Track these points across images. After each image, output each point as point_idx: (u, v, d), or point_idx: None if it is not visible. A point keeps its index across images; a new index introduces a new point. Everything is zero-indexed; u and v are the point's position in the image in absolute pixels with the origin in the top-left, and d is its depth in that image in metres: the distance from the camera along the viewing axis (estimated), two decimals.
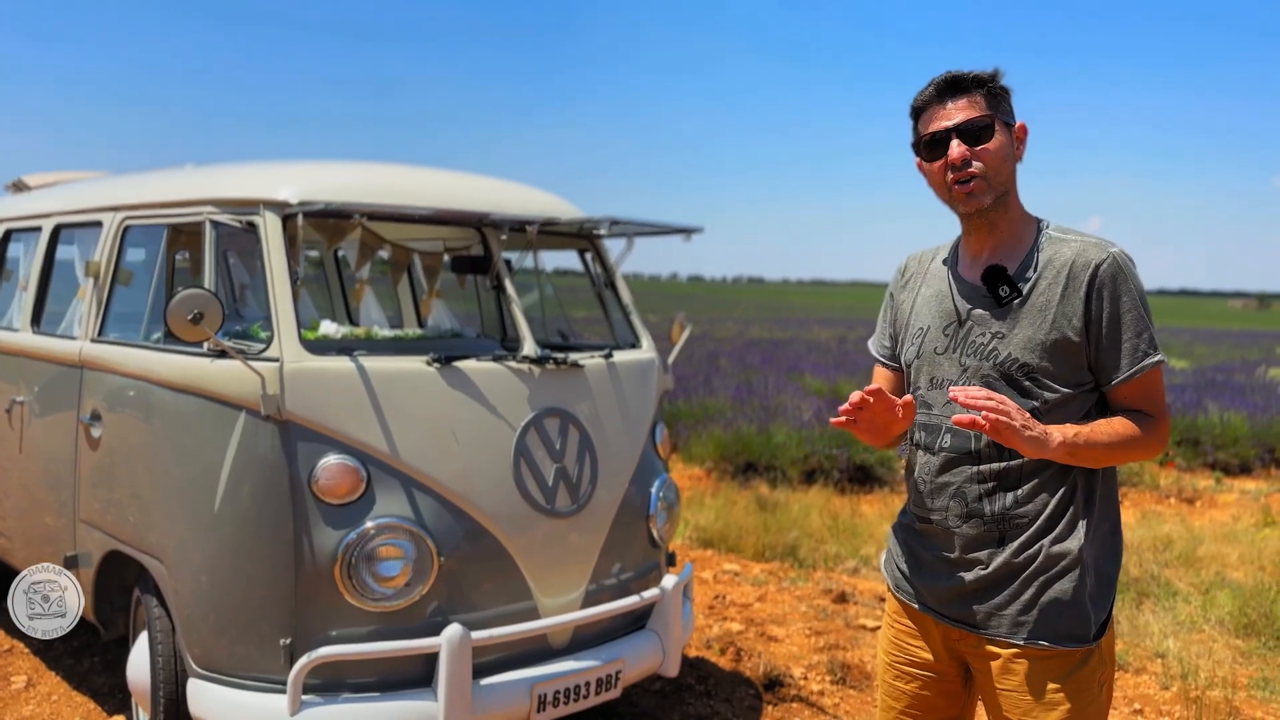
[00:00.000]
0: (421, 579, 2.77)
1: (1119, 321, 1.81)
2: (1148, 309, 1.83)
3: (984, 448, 1.87)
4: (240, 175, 3.20)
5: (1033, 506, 1.85)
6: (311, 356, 2.78)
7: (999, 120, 1.86)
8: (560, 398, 3.13)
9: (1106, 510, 1.89)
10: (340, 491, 2.73)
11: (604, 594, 3.18)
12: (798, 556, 5.83)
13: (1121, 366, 1.82)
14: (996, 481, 1.87)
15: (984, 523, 1.88)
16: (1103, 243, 1.85)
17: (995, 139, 1.85)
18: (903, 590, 2.04)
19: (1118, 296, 1.80)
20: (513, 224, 3.24)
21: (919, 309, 2.02)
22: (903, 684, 2.06)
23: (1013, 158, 1.89)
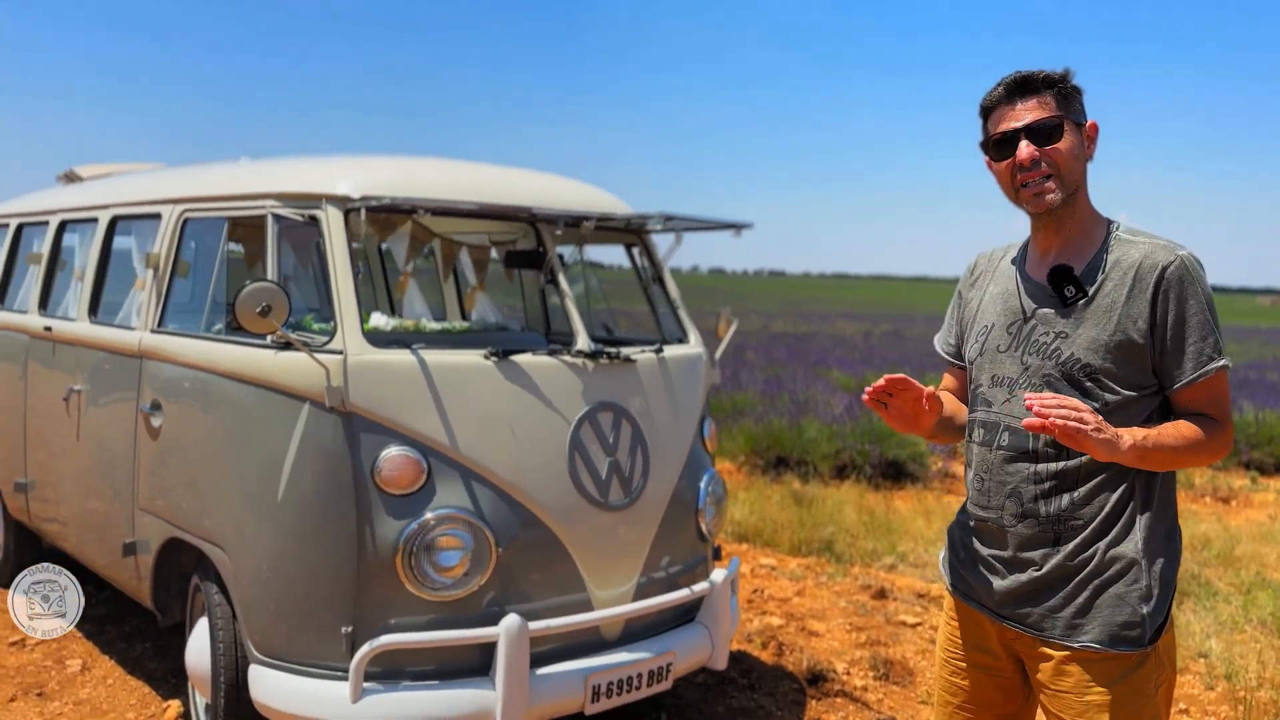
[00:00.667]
0: (480, 569, 2.81)
1: (1184, 325, 1.80)
2: (1214, 313, 1.83)
3: (1042, 447, 1.87)
4: (301, 170, 3.24)
5: (1090, 509, 1.85)
6: (374, 349, 2.82)
7: (1069, 120, 1.86)
8: (613, 392, 3.15)
9: (1164, 513, 1.88)
10: (402, 482, 2.77)
11: (654, 587, 3.21)
12: (834, 552, 5.84)
13: (1186, 370, 1.81)
14: (1054, 481, 1.86)
15: (1039, 523, 1.88)
16: (1171, 245, 1.84)
17: (1065, 139, 1.85)
18: (959, 588, 2.05)
19: (1184, 300, 1.80)
20: (570, 219, 3.27)
21: (985, 306, 2.03)
22: (959, 680, 2.07)
23: (1083, 157, 1.89)
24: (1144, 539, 1.83)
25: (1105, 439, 1.70)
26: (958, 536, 2.07)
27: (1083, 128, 1.89)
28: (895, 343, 24.15)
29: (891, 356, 18.49)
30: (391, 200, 2.89)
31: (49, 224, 4.41)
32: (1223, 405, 1.85)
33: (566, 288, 3.27)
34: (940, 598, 5.13)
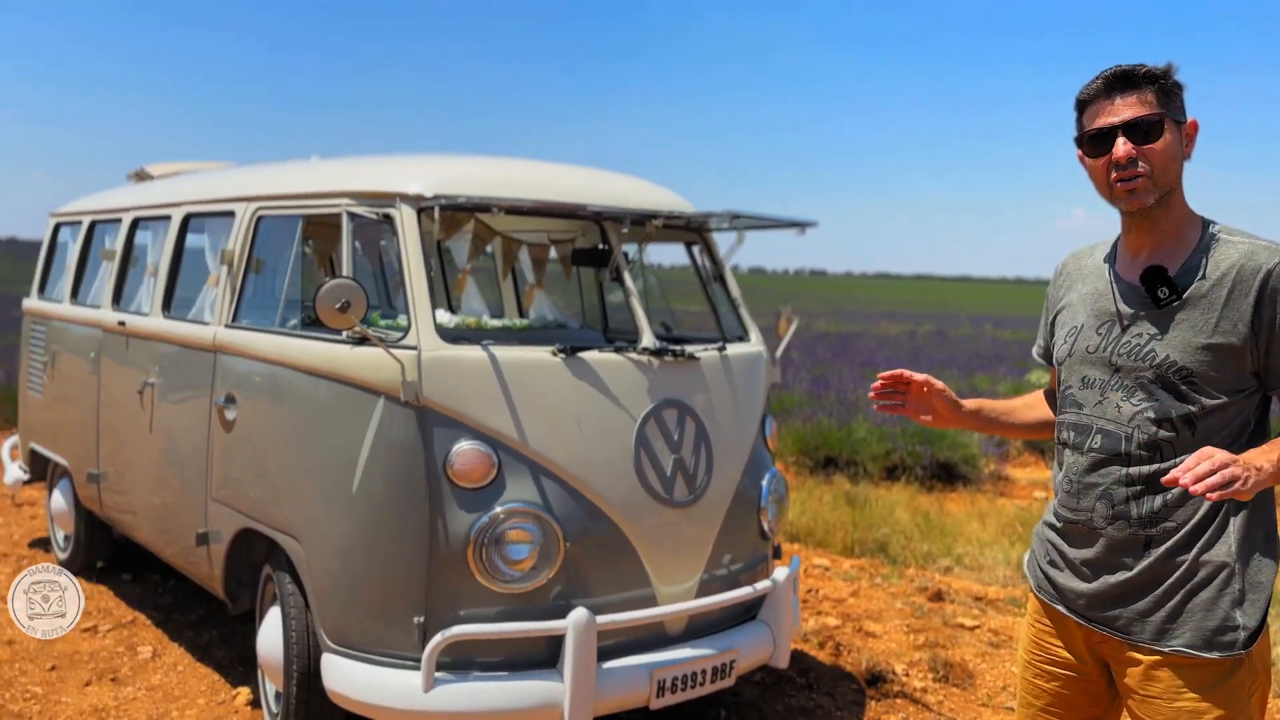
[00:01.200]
0: (548, 563, 2.84)
1: (1256, 322, 1.76)
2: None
3: (1134, 450, 1.85)
4: (374, 169, 3.30)
5: (1182, 511, 1.82)
6: (447, 345, 2.86)
7: (1169, 118, 1.82)
8: (677, 389, 3.17)
9: (1261, 518, 1.84)
10: (474, 476, 2.81)
11: (716, 584, 3.22)
12: (888, 553, 5.82)
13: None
14: (1146, 484, 1.84)
15: (1130, 525, 1.86)
16: (1273, 246, 1.80)
17: (1164, 138, 1.81)
18: (1044, 590, 2.04)
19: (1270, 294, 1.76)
20: (638, 218, 3.29)
21: (1074, 307, 2.01)
22: (1043, 682, 2.06)
23: (1180, 156, 1.85)
24: (1238, 542, 1.81)
25: (1259, 481, 1.64)
26: (1044, 538, 2.05)
27: (1182, 126, 1.85)
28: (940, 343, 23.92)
29: (938, 357, 18.32)
30: (466, 199, 2.93)
31: (122, 221, 4.53)
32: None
33: (632, 285, 3.30)
34: (997, 601, 5.09)
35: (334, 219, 3.23)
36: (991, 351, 20.78)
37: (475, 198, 2.96)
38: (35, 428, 5.26)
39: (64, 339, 4.88)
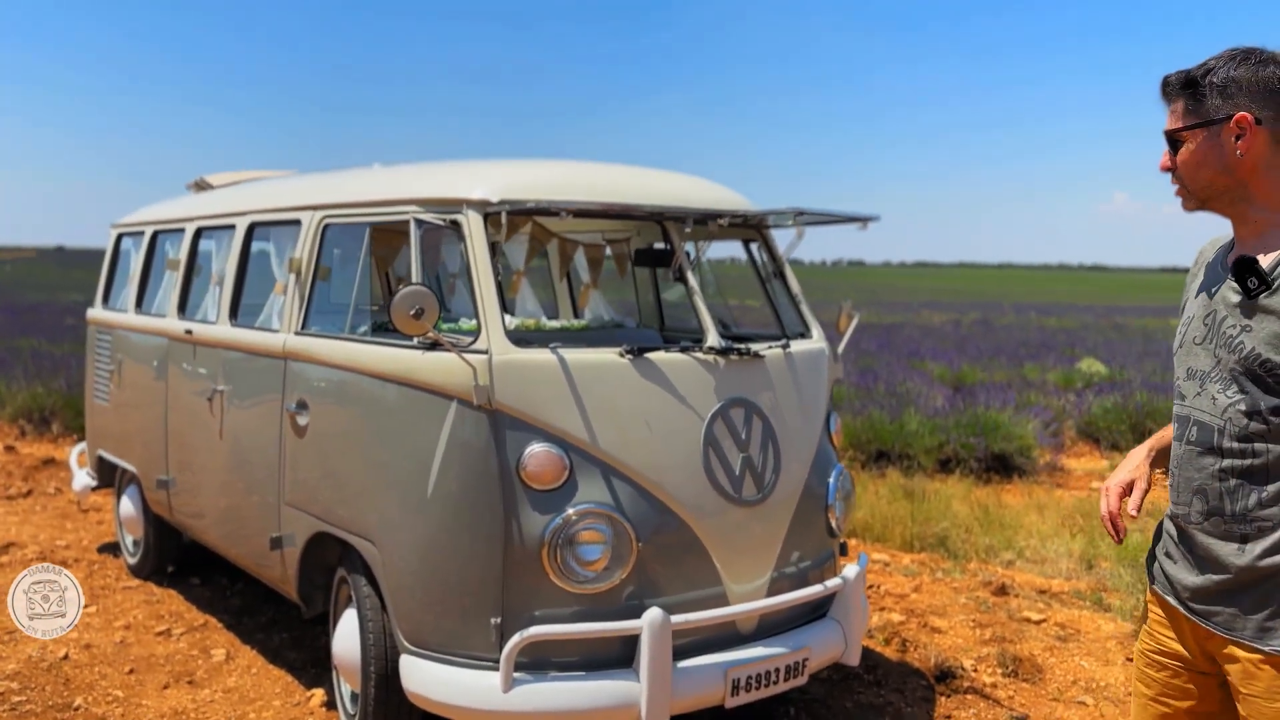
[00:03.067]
0: (621, 563, 2.86)
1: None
2: None
3: (1228, 443, 1.81)
4: (440, 175, 3.33)
5: (1277, 508, 1.77)
6: (516, 349, 2.89)
7: (1198, 128, 1.82)
8: (744, 388, 3.17)
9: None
10: (547, 478, 2.83)
11: (785, 582, 3.22)
12: (948, 547, 5.77)
13: None
14: (1241, 479, 1.81)
15: (1225, 521, 1.83)
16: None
17: (1184, 149, 1.84)
18: (1158, 581, 2.02)
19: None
20: (704, 218, 3.30)
21: (1191, 297, 1.99)
22: (1154, 671, 2.04)
23: (1225, 160, 1.81)
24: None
25: None
26: (1163, 529, 2.04)
27: (1223, 125, 1.80)
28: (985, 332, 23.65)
29: (985, 347, 18.12)
30: (534, 203, 2.94)
31: (185, 231, 4.61)
32: None
33: (695, 285, 3.30)
34: (1061, 594, 5.04)
35: (400, 226, 3.26)
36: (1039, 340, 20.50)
37: (542, 201, 2.98)
38: (102, 435, 5.37)
39: (130, 348, 4.98)
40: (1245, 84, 1.79)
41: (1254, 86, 1.79)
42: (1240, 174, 1.81)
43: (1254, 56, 1.80)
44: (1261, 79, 1.79)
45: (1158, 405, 9.61)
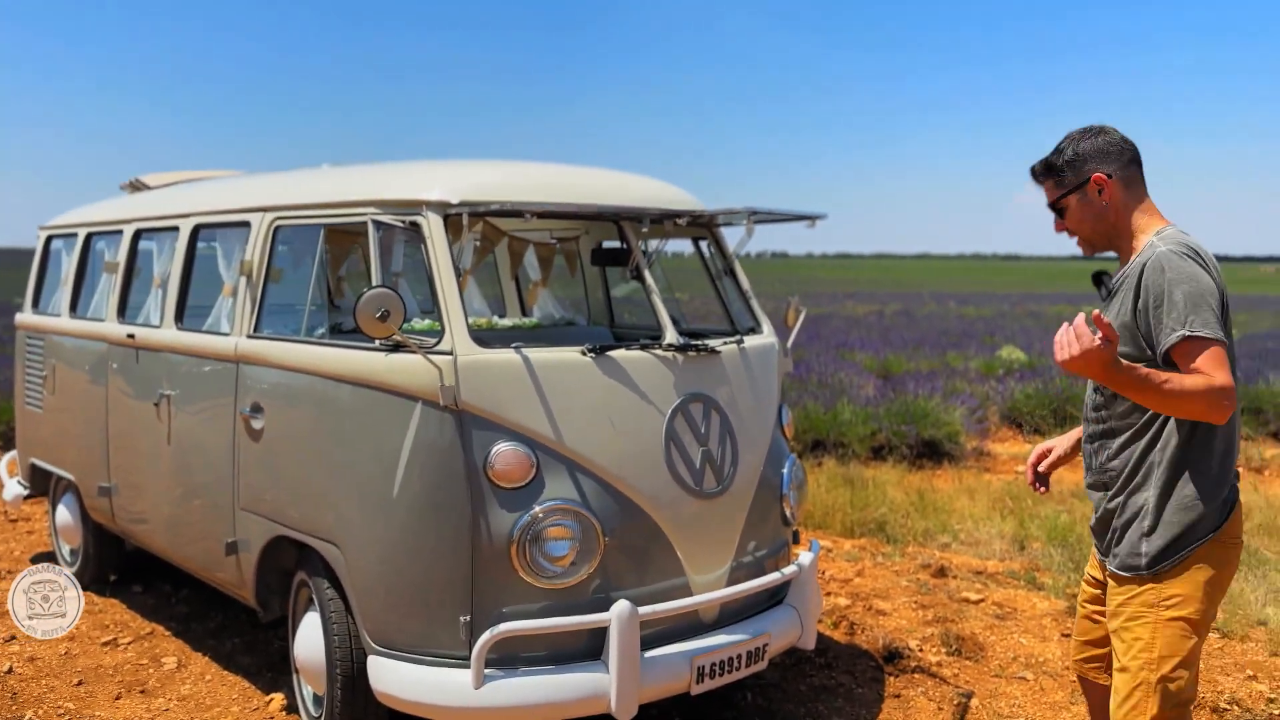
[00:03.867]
0: (588, 558, 2.92)
1: (1159, 307, 2.18)
2: (1188, 295, 2.15)
3: (1091, 411, 2.44)
4: (398, 177, 3.34)
5: (1118, 461, 2.35)
6: (481, 349, 2.92)
7: (1068, 196, 2.38)
8: (702, 383, 3.25)
9: (1195, 476, 2.25)
10: (514, 476, 2.87)
11: (745, 571, 3.31)
12: (887, 532, 5.95)
13: (1161, 342, 2.18)
14: (1102, 439, 2.41)
15: (1093, 474, 2.45)
16: (1156, 243, 2.27)
17: (1069, 213, 2.40)
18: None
19: (1159, 287, 2.19)
20: (661, 218, 3.36)
21: None
22: (1089, 587, 2.61)
23: (1096, 211, 2.36)
24: (1159, 491, 2.27)
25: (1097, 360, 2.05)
26: None
27: (1085, 187, 2.35)
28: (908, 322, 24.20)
29: (909, 337, 18.56)
30: (496, 205, 2.97)
31: (124, 233, 4.51)
32: (1203, 368, 2.12)
33: (653, 283, 3.36)
34: (997, 574, 5.24)
35: (357, 228, 3.26)
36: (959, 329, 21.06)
37: (505, 203, 3.01)
38: (35, 442, 5.23)
39: (64, 353, 4.86)
40: (1092, 152, 2.36)
41: (1099, 152, 2.36)
42: (1110, 217, 2.36)
43: (1092, 131, 2.39)
44: (1101, 145, 2.37)
45: (1077, 391, 9.99)
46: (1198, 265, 2.20)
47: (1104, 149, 2.36)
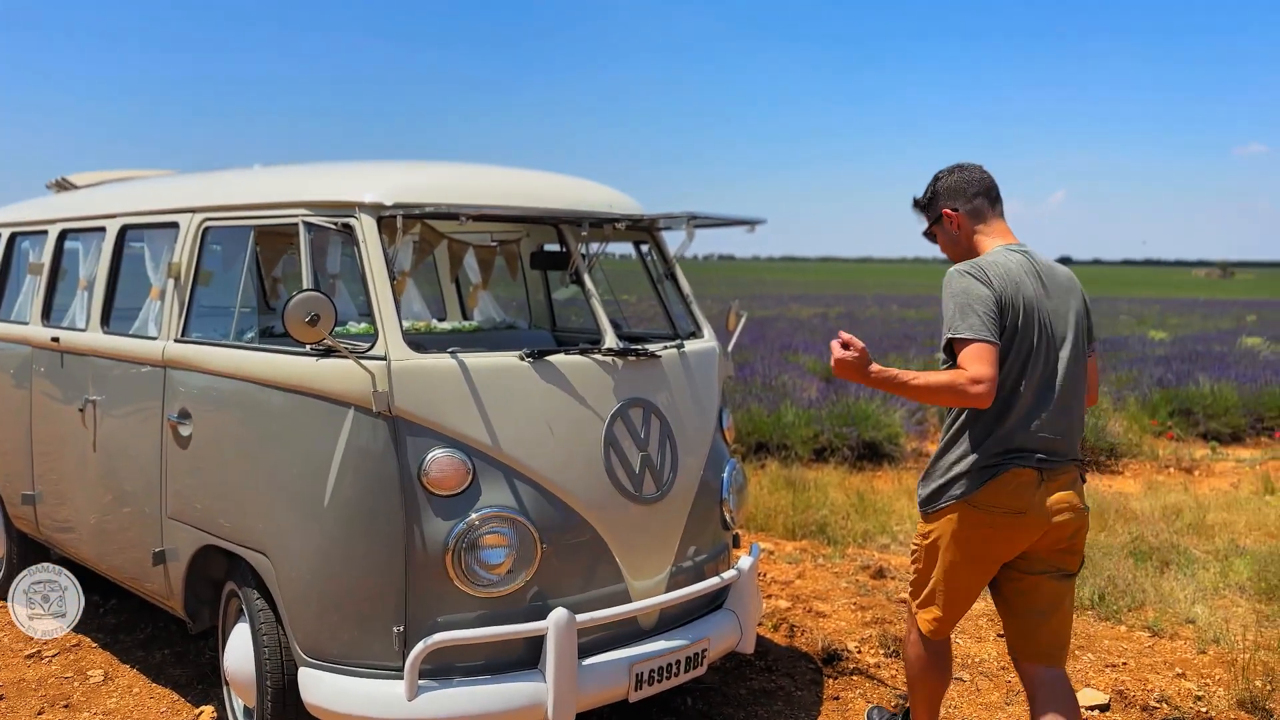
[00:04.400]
0: (525, 565, 2.88)
1: (943, 316, 2.70)
2: (958, 304, 2.62)
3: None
4: (331, 178, 3.27)
5: (947, 436, 2.82)
6: (415, 354, 2.87)
7: (934, 224, 2.93)
8: (641, 388, 3.24)
9: (971, 444, 2.72)
10: (449, 484, 2.83)
11: (685, 575, 3.31)
12: (828, 534, 5.99)
13: (944, 343, 2.69)
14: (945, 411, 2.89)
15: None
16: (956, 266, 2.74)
17: (938, 239, 2.95)
18: None
19: (943, 300, 2.70)
20: (600, 222, 3.34)
21: None
22: None
23: (951, 238, 2.90)
24: (945, 453, 2.80)
25: (853, 368, 2.67)
26: None
27: (941, 220, 2.89)
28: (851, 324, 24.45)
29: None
30: (431, 207, 2.93)
31: (48, 233, 4.37)
32: (965, 360, 2.57)
33: (593, 287, 3.34)
34: None
35: (288, 230, 3.19)
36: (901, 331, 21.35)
37: (440, 205, 2.96)
38: None
39: None
40: (944, 190, 2.88)
41: (950, 190, 2.88)
42: (963, 242, 2.88)
43: (952, 170, 2.89)
44: (953, 183, 2.87)
45: None
46: (973, 279, 2.64)
47: (955, 186, 2.86)
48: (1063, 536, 2.74)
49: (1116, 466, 8.57)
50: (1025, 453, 2.66)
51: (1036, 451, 2.67)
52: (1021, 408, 2.66)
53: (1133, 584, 5.01)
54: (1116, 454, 8.72)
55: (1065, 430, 2.72)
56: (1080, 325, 2.77)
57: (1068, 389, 2.71)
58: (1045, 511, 2.67)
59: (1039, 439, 2.67)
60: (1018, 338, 2.63)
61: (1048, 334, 2.68)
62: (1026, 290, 2.66)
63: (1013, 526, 2.68)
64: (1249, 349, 15.91)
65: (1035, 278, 2.71)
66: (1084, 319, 2.81)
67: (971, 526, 2.71)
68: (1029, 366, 2.66)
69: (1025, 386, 2.66)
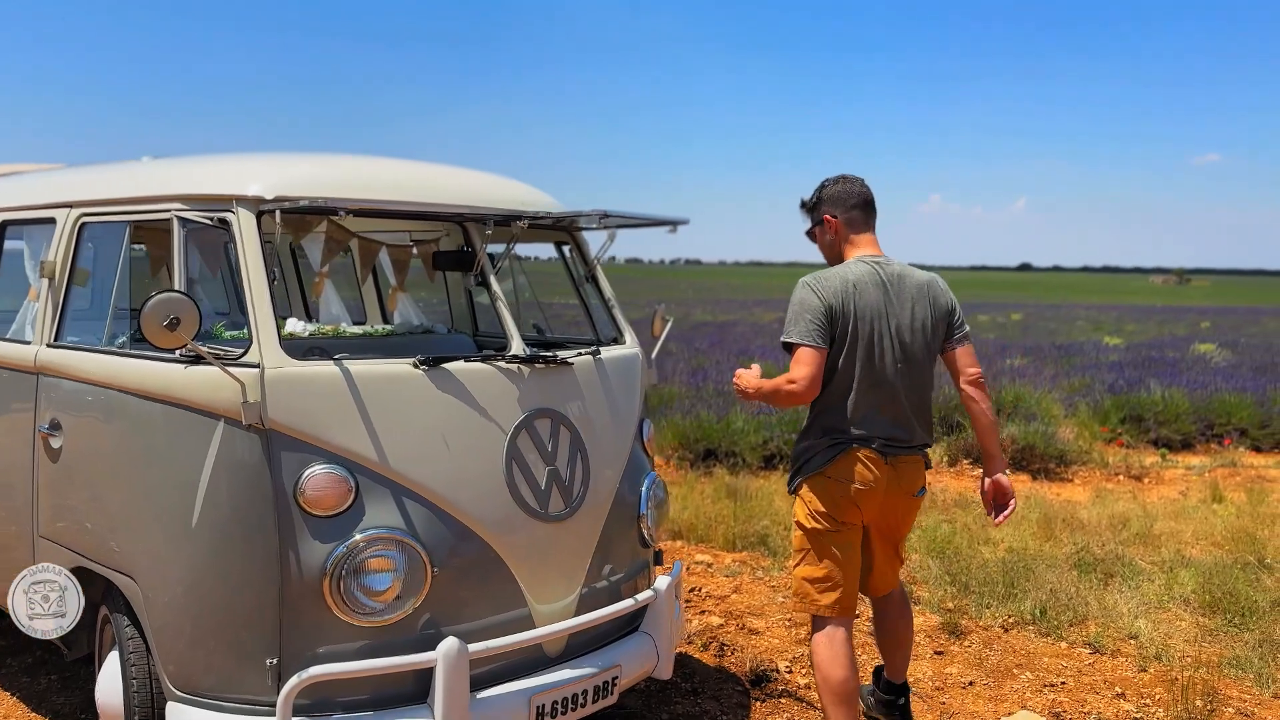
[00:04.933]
0: (414, 592, 2.66)
1: None
2: (792, 313, 3.03)
3: None
4: (209, 170, 3.04)
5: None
6: (293, 361, 2.64)
7: (815, 227, 3.26)
8: (550, 397, 3.03)
9: (818, 434, 3.12)
10: (328, 503, 2.60)
11: (597, 598, 3.10)
12: (769, 545, 5.81)
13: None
14: None
15: None
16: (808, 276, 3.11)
17: (816, 240, 3.29)
18: None
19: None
20: (502, 219, 3.12)
21: None
22: None
23: (828, 242, 3.24)
24: (803, 438, 3.18)
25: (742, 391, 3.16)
26: None
27: (824, 223, 3.22)
28: None
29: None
30: (309, 201, 2.69)
31: None
32: (791, 364, 3.03)
33: (498, 290, 3.13)
34: None
35: (165, 225, 2.95)
36: None
37: (322, 199, 2.73)
38: None
39: None
40: (828, 198, 3.21)
41: (833, 198, 3.20)
42: (837, 247, 3.22)
43: (836, 180, 3.22)
44: (836, 192, 3.20)
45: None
46: (811, 291, 3.02)
47: (838, 195, 3.19)
48: (899, 514, 3.19)
49: (1066, 474, 8.48)
50: (868, 437, 3.05)
51: (878, 436, 3.05)
52: (861, 399, 3.03)
53: (1075, 598, 4.88)
54: (1066, 461, 8.63)
55: (902, 419, 3.08)
56: (927, 326, 3.10)
57: (906, 384, 3.08)
58: (885, 488, 3.08)
59: (878, 425, 3.05)
60: (850, 340, 3.00)
61: (887, 336, 3.04)
62: (865, 299, 3.02)
63: (860, 496, 3.06)
64: (1201, 355, 16.00)
65: (880, 287, 3.05)
66: (940, 319, 3.13)
67: (824, 497, 3.09)
68: (869, 365, 3.03)
69: (864, 381, 3.03)
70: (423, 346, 3.74)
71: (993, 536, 6.02)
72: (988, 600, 4.88)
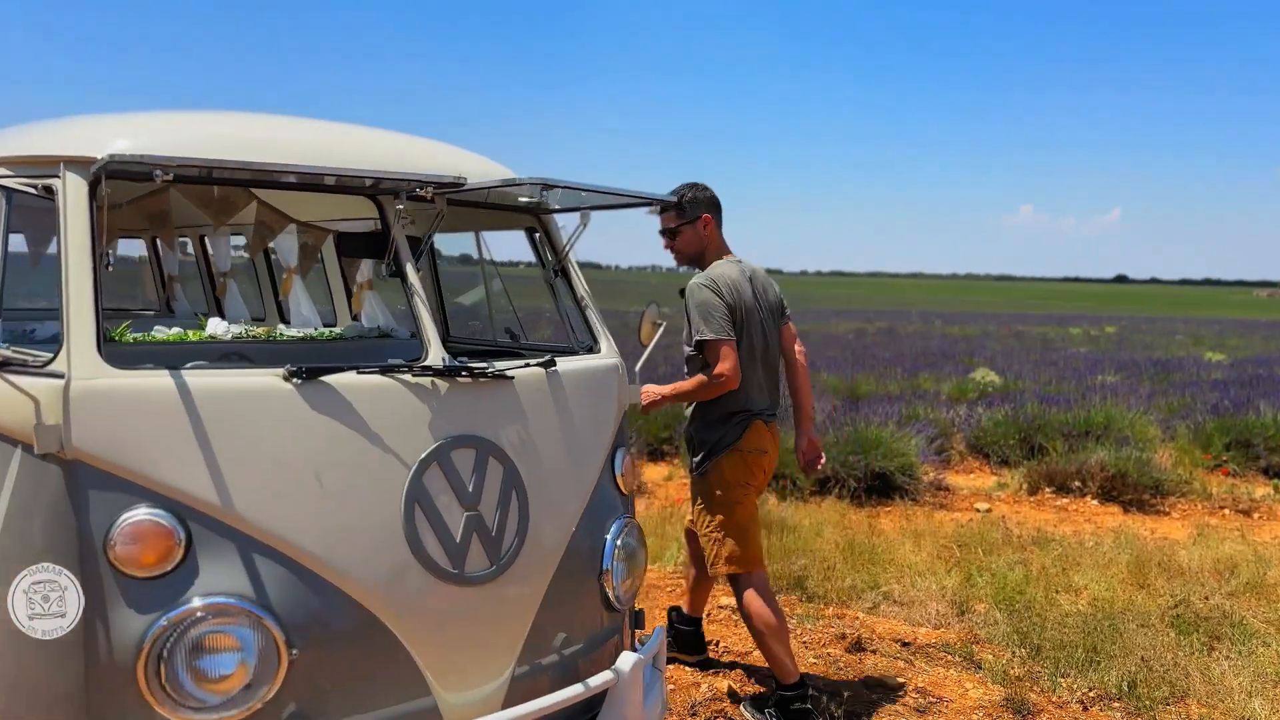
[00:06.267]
0: (265, 680, 1.99)
1: (688, 320, 3.50)
2: (701, 313, 3.45)
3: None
4: (42, 130, 2.43)
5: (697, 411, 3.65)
6: (114, 371, 2.00)
7: (687, 224, 3.62)
8: (476, 421, 2.35)
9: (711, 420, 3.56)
10: (147, 560, 1.95)
11: (539, 681, 2.41)
12: (805, 588, 5.03)
13: (693, 342, 3.49)
14: None
15: None
16: (700, 274, 3.57)
17: (680, 237, 3.66)
18: None
19: (687, 307, 3.50)
20: (407, 188, 2.43)
21: None
22: None
23: (699, 240, 3.64)
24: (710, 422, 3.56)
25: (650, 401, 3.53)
26: None
27: (696, 223, 3.62)
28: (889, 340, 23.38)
29: (885, 355, 17.70)
30: (173, 162, 2.02)
31: None
32: (711, 358, 3.46)
33: (414, 279, 2.46)
34: (926, 647, 4.33)
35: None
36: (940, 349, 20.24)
37: (187, 161, 2.06)
38: None
39: None
40: (703, 200, 3.63)
41: (707, 201, 3.64)
42: (703, 243, 3.64)
43: (700, 186, 3.65)
44: (708, 196, 3.63)
45: (1050, 419, 9.09)
46: (710, 292, 3.45)
47: (710, 199, 3.63)
48: (771, 466, 3.67)
49: (1163, 506, 7.49)
50: (760, 410, 3.57)
51: (765, 409, 3.60)
52: (753, 379, 3.56)
53: (1173, 667, 4.01)
54: (1163, 491, 7.63)
55: (773, 392, 3.67)
56: (774, 312, 3.70)
57: (771, 363, 3.67)
58: (772, 448, 3.61)
59: (765, 399, 3.60)
60: (743, 330, 3.51)
61: (759, 324, 3.58)
62: (744, 294, 3.54)
63: (759, 461, 3.57)
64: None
65: (749, 282, 3.58)
66: (777, 305, 3.73)
67: (739, 466, 3.52)
68: (754, 349, 3.57)
69: (754, 363, 3.56)
70: (369, 353, 3.12)
71: (1074, 583, 5.15)
72: (1064, 668, 4.04)
